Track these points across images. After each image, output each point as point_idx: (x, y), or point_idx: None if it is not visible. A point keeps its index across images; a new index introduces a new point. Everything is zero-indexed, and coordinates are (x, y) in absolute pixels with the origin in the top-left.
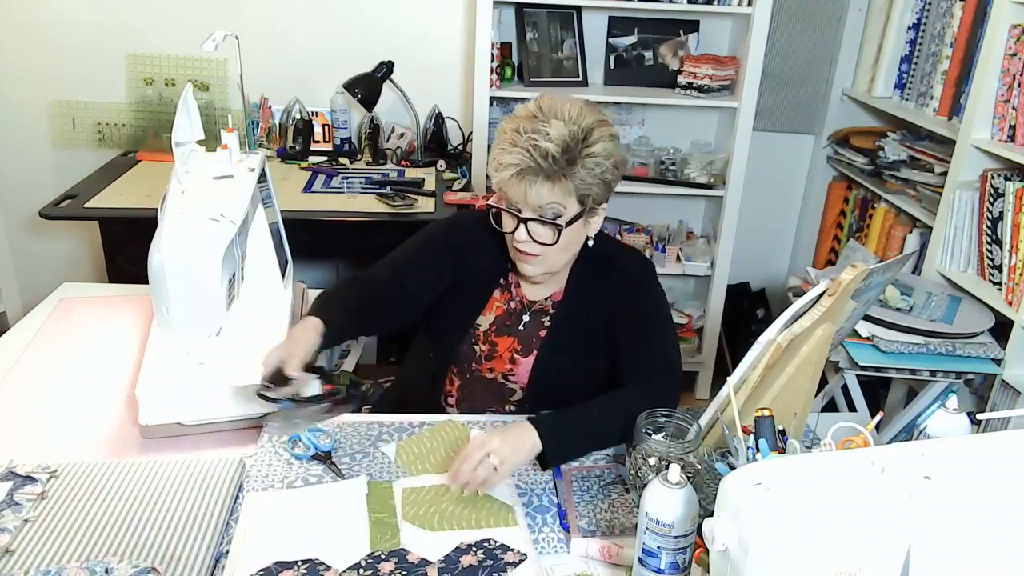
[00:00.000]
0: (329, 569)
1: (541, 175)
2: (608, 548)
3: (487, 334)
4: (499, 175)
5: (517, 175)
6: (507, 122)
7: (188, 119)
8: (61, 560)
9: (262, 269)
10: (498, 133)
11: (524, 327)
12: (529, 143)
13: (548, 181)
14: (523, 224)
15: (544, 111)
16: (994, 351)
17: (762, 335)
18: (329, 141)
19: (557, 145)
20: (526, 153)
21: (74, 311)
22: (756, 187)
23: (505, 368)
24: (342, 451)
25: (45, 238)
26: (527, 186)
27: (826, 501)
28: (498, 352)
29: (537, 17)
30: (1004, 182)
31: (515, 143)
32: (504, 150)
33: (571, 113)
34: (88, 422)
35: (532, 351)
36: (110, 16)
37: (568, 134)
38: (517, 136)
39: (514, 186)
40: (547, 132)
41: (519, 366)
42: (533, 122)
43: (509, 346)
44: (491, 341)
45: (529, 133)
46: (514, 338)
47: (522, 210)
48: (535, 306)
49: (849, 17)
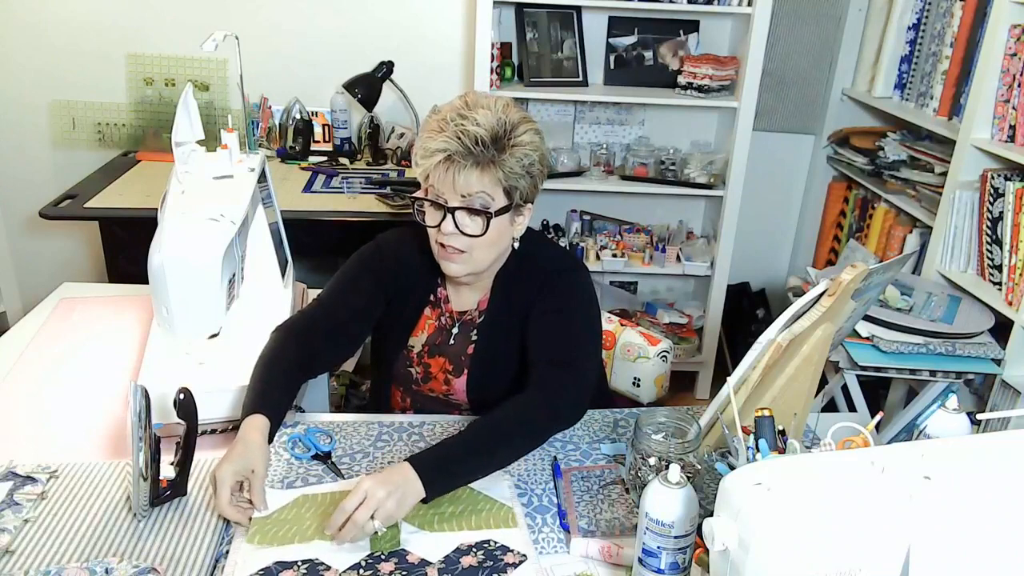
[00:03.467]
0: (329, 569)
1: (470, 160)
2: (608, 548)
3: (420, 356)
4: (426, 162)
5: (445, 161)
6: (432, 114)
7: (188, 119)
8: (61, 560)
9: (262, 269)
10: (423, 125)
11: (453, 342)
12: (458, 129)
13: (477, 167)
14: (450, 215)
15: (470, 104)
16: (994, 351)
17: (762, 335)
18: (329, 141)
19: (486, 131)
20: (455, 139)
21: (74, 311)
22: (756, 187)
23: (443, 389)
24: (342, 451)
25: (45, 238)
26: (455, 172)
27: (826, 501)
28: (432, 373)
29: (537, 17)
30: (1004, 182)
31: (442, 129)
32: (431, 137)
33: (498, 106)
34: (88, 422)
35: (463, 370)
36: (110, 16)
37: (496, 122)
38: (444, 123)
39: (441, 174)
40: (475, 119)
41: (454, 386)
42: (461, 110)
43: (441, 367)
44: (424, 363)
45: (457, 120)
46: (444, 358)
47: (448, 200)
48: (463, 318)
49: (849, 17)
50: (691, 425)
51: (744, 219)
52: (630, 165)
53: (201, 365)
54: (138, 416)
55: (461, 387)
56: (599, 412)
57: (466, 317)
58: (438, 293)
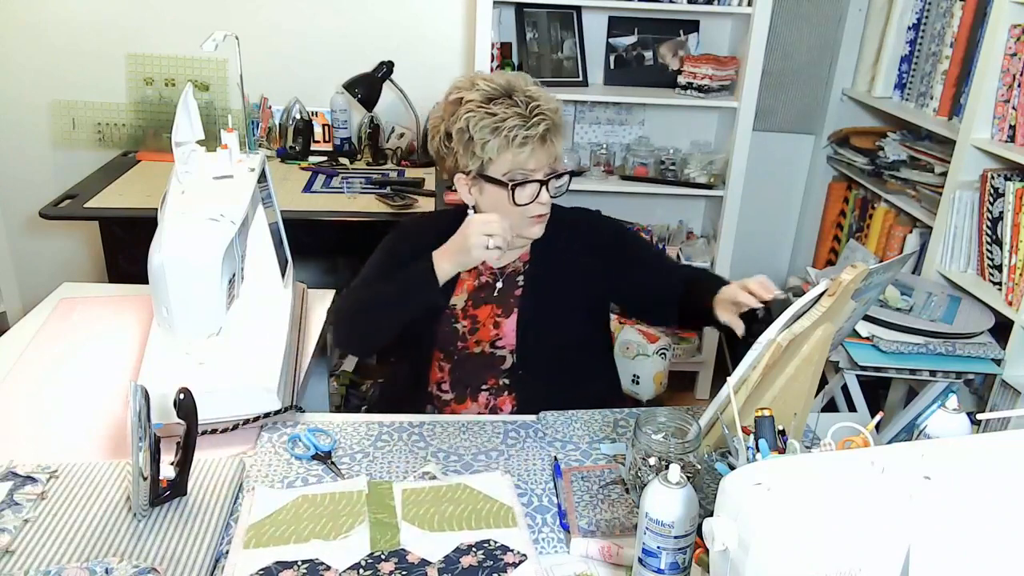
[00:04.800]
0: (329, 569)
1: (557, 132)
2: (608, 548)
3: (465, 310)
4: (522, 150)
5: (541, 140)
6: (471, 108)
7: (188, 119)
8: (61, 560)
9: (262, 269)
10: (469, 121)
11: (499, 292)
12: (537, 110)
13: (559, 135)
14: (544, 186)
15: (515, 85)
16: (994, 351)
17: (762, 335)
18: (329, 141)
19: (551, 104)
20: (544, 117)
21: (74, 311)
22: (756, 187)
23: (491, 335)
24: (342, 451)
25: (45, 238)
26: (552, 147)
27: (826, 501)
28: (480, 322)
29: (537, 17)
30: (1004, 182)
31: (523, 114)
32: (516, 125)
33: (526, 80)
34: (88, 422)
35: (512, 310)
36: (110, 16)
37: (546, 96)
38: (515, 108)
39: (538, 153)
40: (536, 95)
41: (503, 328)
42: (519, 93)
43: (489, 313)
44: (471, 315)
45: (531, 104)
46: (492, 304)
47: (536, 174)
48: (506, 270)
49: (849, 17)
50: (691, 425)
51: (744, 219)
52: (630, 165)
53: (201, 365)
54: (138, 416)
55: (511, 327)
56: (599, 412)
57: (508, 270)
58: None
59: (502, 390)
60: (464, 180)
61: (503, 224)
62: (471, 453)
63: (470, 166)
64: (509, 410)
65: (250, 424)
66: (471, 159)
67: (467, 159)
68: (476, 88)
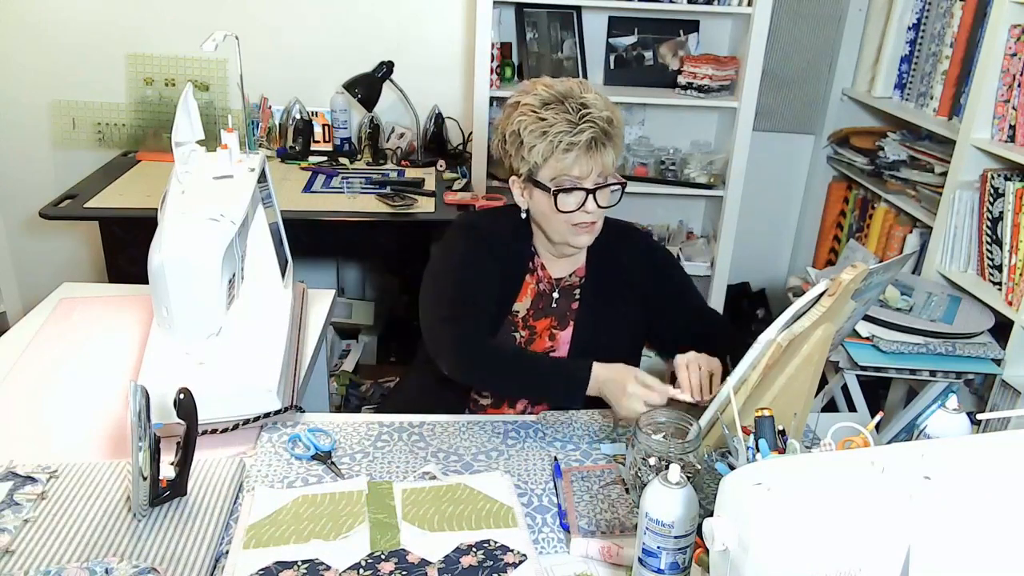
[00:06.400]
0: (329, 569)
1: (608, 141)
2: (608, 548)
3: (525, 320)
4: (566, 156)
5: (587, 147)
6: (524, 112)
7: (188, 119)
8: (61, 560)
9: (262, 269)
10: (521, 124)
11: (556, 304)
12: (587, 117)
13: (611, 146)
14: (591, 196)
15: (574, 91)
16: (994, 351)
17: (762, 335)
18: (329, 141)
19: (606, 112)
20: (593, 125)
21: (74, 311)
22: (756, 187)
23: (546, 346)
24: (342, 451)
25: (45, 238)
26: (598, 155)
27: (826, 501)
28: (537, 333)
29: (537, 17)
30: (1004, 182)
31: (572, 121)
32: (562, 131)
33: (583, 87)
34: (88, 422)
35: (568, 323)
36: (110, 16)
37: (603, 103)
38: (566, 115)
39: (583, 160)
40: (590, 102)
41: (558, 340)
42: (573, 99)
43: (547, 325)
44: (530, 326)
45: (581, 111)
46: (550, 317)
47: (584, 182)
48: (562, 283)
49: (849, 17)
50: (691, 425)
51: (744, 219)
52: (630, 165)
53: (201, 365)
54: (138, 416)
55: (566, 339)
56: (599, 412)
57: (564, 283)
58: (534, 261)
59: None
60: (517, 183)
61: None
62: (471, 453)
63: (521, 169)
64: None
65: (250, 424)
66: (521, 162)
67: (518, 162)
68: (534, 93)
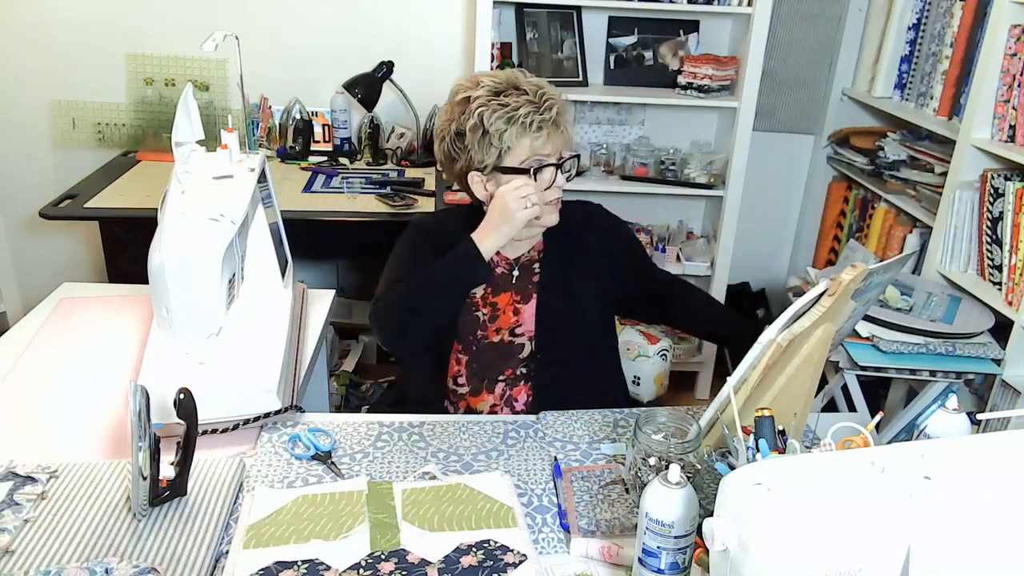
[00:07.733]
0: (329, 569)
1: (565, 119)
2: (608, 548)
3: (484, 298)
4: (539, 135)
5: (554, 124)
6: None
7: (188, 119)
8: (61, 560)
9: (262, 269)
10: (482, 114)
11: (516, 281)
12: (547, 99)
13: (568, 123)
14: (558, 169)
15: (522, 80)
16: (994, 351)
17: (762, 335)
18: (329, 141)
19: (553, 89)
20: (554, 102)
21: (74, 311)
22: (756, 187)
23: (511, 322)
24: (342, 451)
25: (45, 238)
26: (562, 132)
27: (826, 501)
28: (500, 309)
29: (537, 17)
30: (1004, 182)
31: (534, 101)
32: (530, 111)
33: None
34: (88, 422)
35: (531, 296)
36: (110, 16)
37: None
38: (526, 96)
39: (554, 136)
40: (543, 86)
41: (523, 315)
42: (529, 85)
43: (508, 300)
44: (490, 303)
45: (539, 92)
46: (510, 292)
47: (552, 158)
48: (520, 260)
49: (849, 17)
50: (691, 425)
51: (744, 219)
52: (630, 165)
53: (201, 365)
54: (138, 416)
55: (530, 313)
56: (599, 412)
57: (523, 259)
58: None
59: (518, 380)
60: (479, 177)
61: (531, 183)
62: (471, 453)
63: (486, 161)
64: (524, 400)
65: (250, 424)
66: (487, 153)
67: (482, 154)
68: (481, 85)
